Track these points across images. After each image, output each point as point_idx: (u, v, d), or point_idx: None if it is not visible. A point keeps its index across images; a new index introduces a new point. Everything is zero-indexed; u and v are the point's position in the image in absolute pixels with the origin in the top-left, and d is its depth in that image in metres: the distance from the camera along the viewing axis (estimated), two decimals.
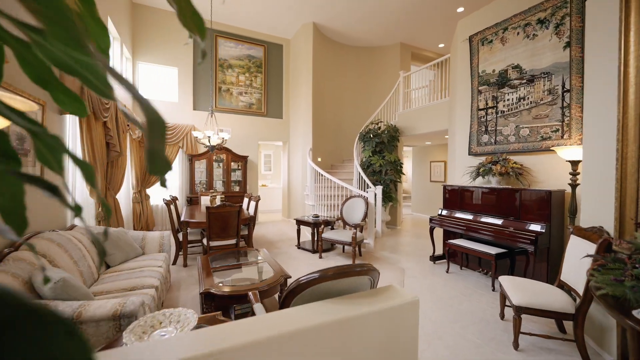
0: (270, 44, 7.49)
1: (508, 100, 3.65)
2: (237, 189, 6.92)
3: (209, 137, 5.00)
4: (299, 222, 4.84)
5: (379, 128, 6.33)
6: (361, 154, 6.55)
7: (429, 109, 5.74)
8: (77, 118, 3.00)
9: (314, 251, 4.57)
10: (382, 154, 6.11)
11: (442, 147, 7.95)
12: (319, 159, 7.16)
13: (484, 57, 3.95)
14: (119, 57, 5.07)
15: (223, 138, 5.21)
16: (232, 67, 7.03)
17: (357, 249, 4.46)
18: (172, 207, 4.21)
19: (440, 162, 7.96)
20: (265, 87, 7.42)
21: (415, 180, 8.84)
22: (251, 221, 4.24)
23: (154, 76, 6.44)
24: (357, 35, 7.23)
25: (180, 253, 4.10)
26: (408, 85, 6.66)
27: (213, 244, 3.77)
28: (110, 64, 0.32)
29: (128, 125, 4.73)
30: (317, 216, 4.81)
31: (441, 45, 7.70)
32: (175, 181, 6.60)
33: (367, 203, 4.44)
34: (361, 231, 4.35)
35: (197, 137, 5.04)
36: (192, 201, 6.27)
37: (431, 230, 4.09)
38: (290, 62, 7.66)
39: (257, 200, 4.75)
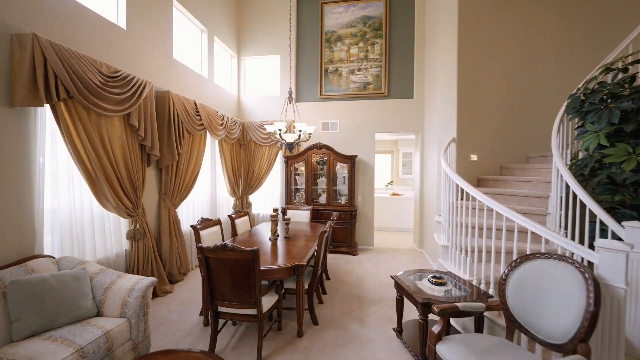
0: None
1: None
2: (342, 200, 5.13)
3: (279, 130, 3.51)
4: (401, 289, 2.38)
5: (625, 80, 2.65)
6: (574, 141, 3.09)
7: None
8: (44, 110, 2.22)
9: (424, 359, 2.05)
10: (637, 137, 2.47)
11: None
12: (474, 157, 4.17)
13: None
14: (206, 49, 4.51)
15: (300, 132, 3.59)
16: (342, 38, 5.31)
17: None
18: (203, 232, 2.95)
19: None
20: (387, 57, 5.19)
21: None
22: (299, 272, 2.30)
23: (258, 70, 5.76)
24: None
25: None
26: None
27: (223, 309, 2.17)
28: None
29: (201, 124, 4.00)
30: (442, 281, 2.22)
31: None
32: (276, 188, 5.66)
33: (589, 281, 1.45)
34: None
35: (270, 133, 3.69)
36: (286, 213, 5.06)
37: None
38: (427, 11, 5.03)
39: (326, 234, 2.76)
